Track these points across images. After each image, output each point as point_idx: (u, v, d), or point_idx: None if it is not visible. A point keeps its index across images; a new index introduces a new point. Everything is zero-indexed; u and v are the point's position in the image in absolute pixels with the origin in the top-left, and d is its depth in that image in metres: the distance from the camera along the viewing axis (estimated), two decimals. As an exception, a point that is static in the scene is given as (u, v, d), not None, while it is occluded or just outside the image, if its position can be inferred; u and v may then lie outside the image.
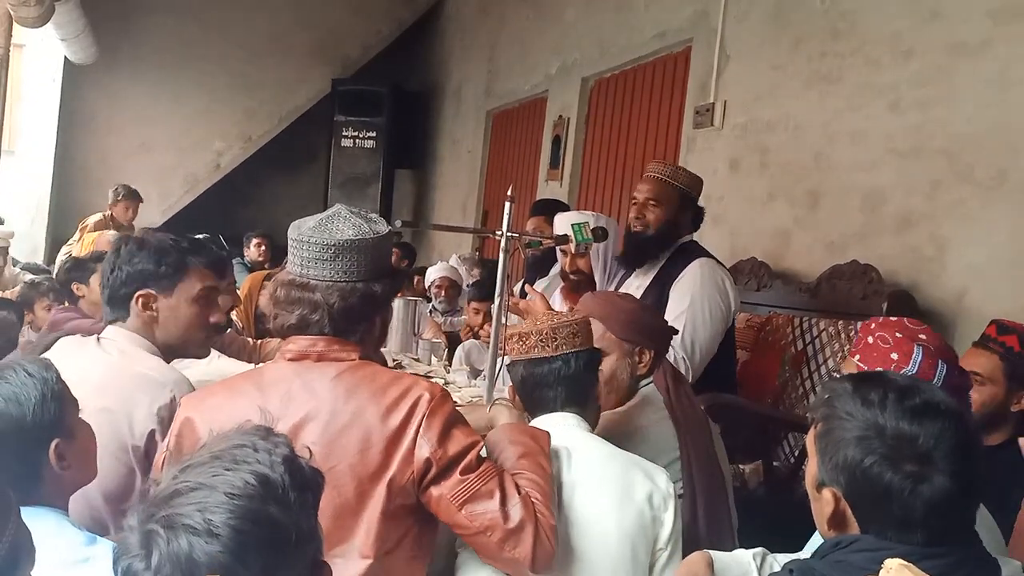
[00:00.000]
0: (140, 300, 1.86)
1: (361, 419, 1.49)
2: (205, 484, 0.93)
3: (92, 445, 1.48)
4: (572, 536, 1.65)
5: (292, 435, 1.41)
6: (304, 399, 1.52)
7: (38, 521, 1.10)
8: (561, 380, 1.79)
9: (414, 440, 1.49)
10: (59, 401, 1.39)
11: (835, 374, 1.94)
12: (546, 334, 1.80)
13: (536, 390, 1.81)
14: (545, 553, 1.50)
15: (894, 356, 1.66)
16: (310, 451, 1.06)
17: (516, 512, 1.49)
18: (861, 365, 1.70)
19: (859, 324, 3.01)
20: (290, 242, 1.59)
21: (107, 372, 1.78)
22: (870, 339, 1.72)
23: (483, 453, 1.56)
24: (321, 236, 1.55)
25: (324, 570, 1.03)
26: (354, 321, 1.58)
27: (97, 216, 6.49)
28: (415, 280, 5.68)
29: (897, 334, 1.69)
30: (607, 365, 2.03)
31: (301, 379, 1.54)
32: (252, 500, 0.93)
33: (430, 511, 1.53)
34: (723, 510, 2.01)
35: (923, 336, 1.69)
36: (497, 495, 1.50)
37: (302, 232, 1.57)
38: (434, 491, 1.50)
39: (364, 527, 1.48)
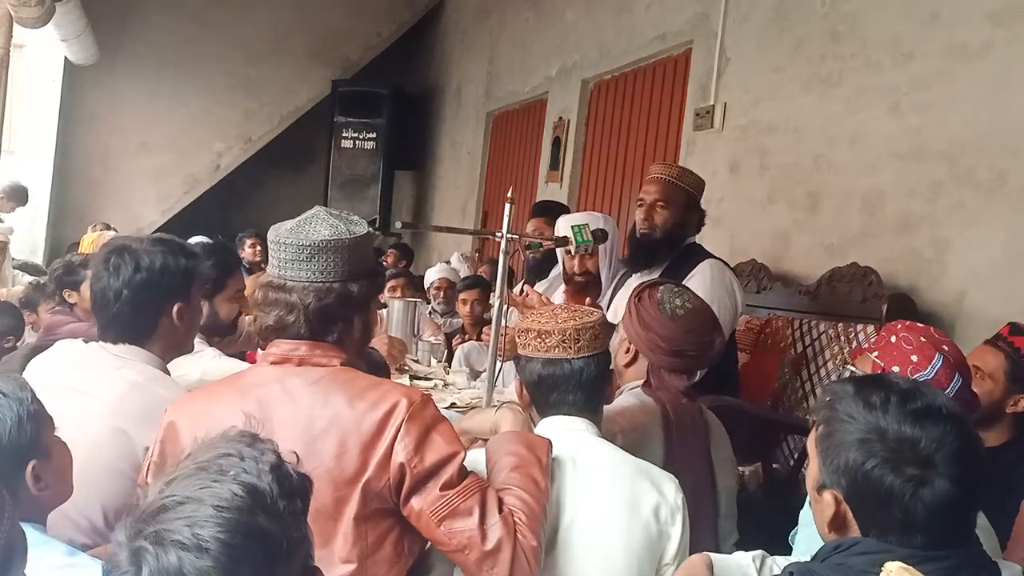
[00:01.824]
0: (177, 312, 1.85)
1: (337, 424, 1.48)
2: (192, 498, 0.91)
3: (68, 462, 1.46)
4: (575, 551, 1.61)
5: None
6: (282, 404, 1.51)
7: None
8: (582, 384, 1.72)
9: (391, 446, 1.47)
10: (35, 421, 1.35)
11: (843, 371, 1.95)
12: (569, 335, 1.72)
13: (554, 391, 1.74)
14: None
15: (914, 358, 1.68)
16: (296, 456, 1.04)
17: (495, 533, 1.46)
18: (878, 362, 1.72)
19: (859, 326, 3.03)
20: (269, 244, 1.59)
21: (126, 394, 1.73)
22: (893, 338, 1.74)
23: (465, 463, 1.53)
24: (296, 237, 1.55)
25: (315, 574, 1.02)
26: (330, 322, 1.57)
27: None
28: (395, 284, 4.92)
29: (922, 338, 1.71)
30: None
31: (281, 384, 1.53)
32: (241, 512, 0.91)
33: (411, 523, 1.51)
34: (705, 522, 1.94)
35: (946, 347, 1.71)
36: (476, 513, 1.47)
37: (279, 234, 1.57)
38: (415, 503, 1.48)
39: (342, 532, 1.47)
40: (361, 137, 8.67)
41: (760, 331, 3.53)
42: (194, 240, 6.73)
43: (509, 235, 2.41)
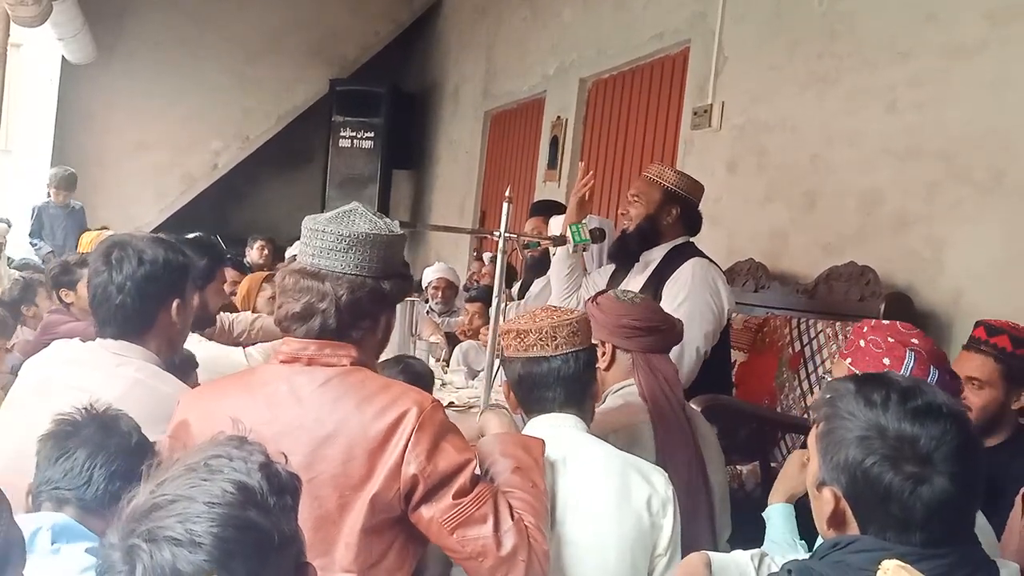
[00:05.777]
0: (176, 308, 1.85)
1: (345, 428, 1.46)
2: (184, 495, 0.92)
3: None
4: (570, 547, 1.61)
5: (276, 441, 1.37)
6: (290, 405, 1.49)
7: None
8: (561, 380, 1.75)
9: (402, 456, 1.44)
10: None
11: (823, 380, 1.93)
12: (546, 332, 1.75)
13: (535, 390, 1.77)
14: None
15: (886, 361, 1.67)
16: (285, 457, 1.05)
17: (509, 539, 1.45)
18: (852, 368, 1.71)
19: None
20: (304, 231, 1.57)
21: (129, 392, 1.73)
22: (862, 343, 1.73)
23: (477, 471, 1.51)
24: (337, 227, 1.53)
25: (308, 570, 1.02)
26: (359, 317, 1.55)
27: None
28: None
29: (889, 338, 1.70)
30: None
31: (289, 384, 1.51)
32: (232, 507, 0.92)
33: (419, 530, 1.49)
34: (701, 519, 1.95)
35: (915, 341, 1.70)
36: (491, 520, 1.45)
37: (317, 222, 1.55)
38: (425, 512, 1.46)
39: (344, 540, 1.44)
40: (359, 136, 8.66)
41: (758, 330, 3.54)
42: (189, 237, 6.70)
43: (507, 234, 2.42)
